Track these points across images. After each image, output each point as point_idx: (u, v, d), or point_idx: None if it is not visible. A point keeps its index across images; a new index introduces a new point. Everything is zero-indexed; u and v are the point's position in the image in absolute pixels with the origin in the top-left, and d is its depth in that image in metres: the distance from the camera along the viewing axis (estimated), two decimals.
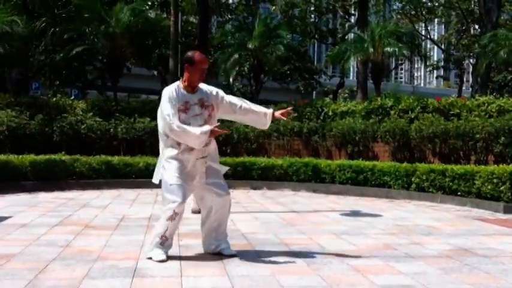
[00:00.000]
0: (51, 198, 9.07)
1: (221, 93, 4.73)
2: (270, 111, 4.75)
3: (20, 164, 10.37)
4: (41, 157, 10.84)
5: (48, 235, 5.56)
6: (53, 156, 11.02)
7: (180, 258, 4.55)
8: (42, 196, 9.33)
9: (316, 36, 34.12)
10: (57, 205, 8.11)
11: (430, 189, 9.46)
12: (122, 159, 11.48)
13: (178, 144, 4.49)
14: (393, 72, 73.00)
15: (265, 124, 4.81)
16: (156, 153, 5.65)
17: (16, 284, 3.67)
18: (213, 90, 4.69)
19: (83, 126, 13.27)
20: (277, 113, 4.74)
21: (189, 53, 4.71)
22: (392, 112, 12.76)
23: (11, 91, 18.09)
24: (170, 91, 4.54)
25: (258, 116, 4.75)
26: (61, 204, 8.27)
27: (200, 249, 4.91)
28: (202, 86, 4.68)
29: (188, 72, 4.59)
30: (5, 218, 6.66)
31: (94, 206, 8.13)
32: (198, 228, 6.15)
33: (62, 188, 10.37)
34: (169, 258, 4.50)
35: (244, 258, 4.58)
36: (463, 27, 35.29)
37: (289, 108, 4.83)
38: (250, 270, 4.18)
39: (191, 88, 4.60)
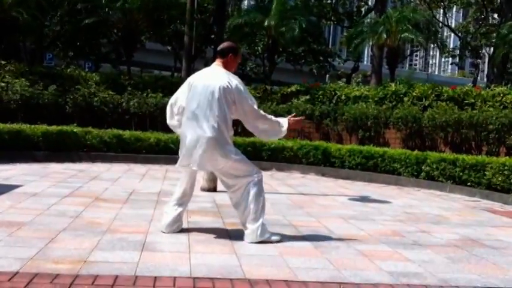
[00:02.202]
0: (62, 169, 9.14)
1: None
2: None
3: (32, 133, 10.44)
4: (53, 128, 10.90)
5: (58, 205, 5.62)
6: (65, 128, 11.07)
7: (188, 234, 4.58)
8: (53, 167, 9.40)
9: (332, 18, 33.76)
10: (68, 176, 8.17)
11: (440, 178, 9.42)
12: (133, 133, 11.51)
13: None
14: (408, 59, 72.29)
15: None
16: (167, 129, 5.64)
17: (27, 251, 3.72)
18: None
19: (95, 99, 13.29)
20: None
21: (234, 44, 4.74)
22: (406, 99, 12.68)
23: (25, 60, 18.15)
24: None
25: None
26: (72, 175, 8.33)
27: (209, 227, 4.96)
28: None
29: (230, 61, 4.59)
30: (17, 186, 6.73)
31: (104, 179, 8.18)
32: (207, 206, 6.22)
33: (72, 160, 10.44)
34: (178, 233, 4.54)
35: None
36: (482, 16, 34.74)
37: (300, 118, 4.84)
38: (259, 249, 4.21)
39: None
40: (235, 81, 4.46)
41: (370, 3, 34.03)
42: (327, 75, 36.48)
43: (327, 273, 3.68)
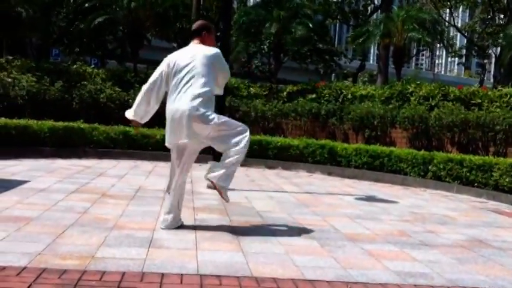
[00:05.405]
0: (68, 165, 9.16)
1: None
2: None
3: (39, 129, 10.47)
4: (60, 124, 10.92)
5: (65, 201, 5.63)
6: (71, 124, 11.10)
7: (195, 232, 4.58)
8: (60, 162, 9.43)
9: (338, 17, 33.68)
10: (75, 172, 8.19)
11: (447, 179, 9.39)
12: (140, 130, 11.49)
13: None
14: (414, 58, 72.02)
15: None
16: None
17: (35, 246, 3.73)
18: None
19: (102, 95, 13.32)
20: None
21: (204, 22, 5.05)
22: (412, 98, 12.64)
23: (31, 56, 18.22)
24: None
25: None
26: (78, 171, 8.35)
27: (215, 224, 4.96)
28: None
29: (206, 38, 4.79)
30: (24, 182, 6.75)
31: (111, 175, 8.20)
32: (213, 203, 6.22)
33: (79, 156, 10.46)
34: (185, 230, 4.55)
35: (259, 235, 4.60)
36: (489, 16, 34.60)
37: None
38: (265, 247, 4.20)
39: None
40: (217, 50, 4.70)
41: (376, 2, 33.93)
42: (333, 74, 36.41)
43: (334, 272, 3.67)
